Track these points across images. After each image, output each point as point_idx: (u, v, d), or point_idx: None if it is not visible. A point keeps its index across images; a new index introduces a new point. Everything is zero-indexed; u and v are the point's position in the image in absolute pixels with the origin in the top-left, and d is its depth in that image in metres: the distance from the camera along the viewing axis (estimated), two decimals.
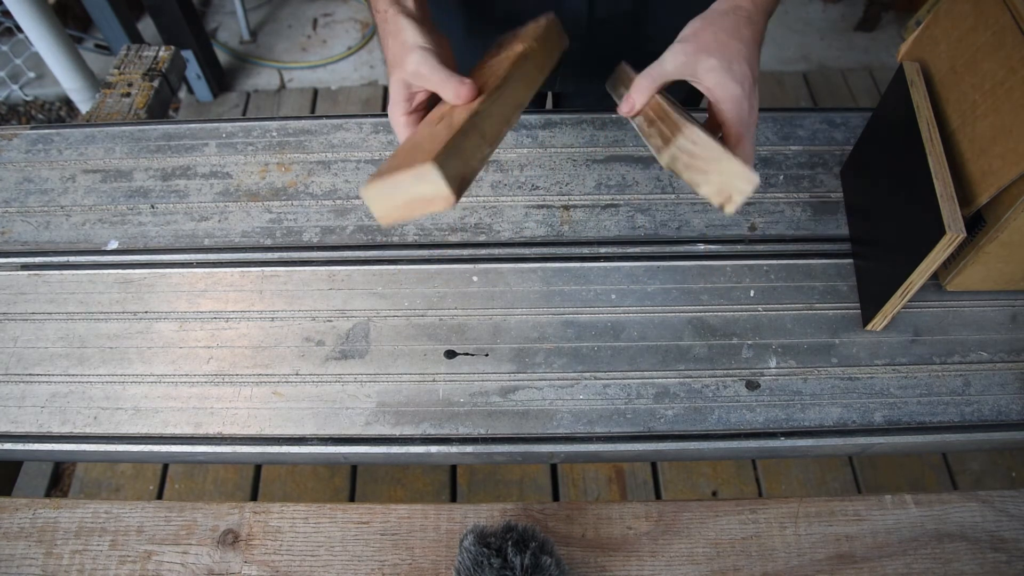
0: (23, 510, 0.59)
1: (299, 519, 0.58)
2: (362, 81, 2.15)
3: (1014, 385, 0.63)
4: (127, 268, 0.70)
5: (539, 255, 0.70)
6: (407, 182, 0.44)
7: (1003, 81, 0.54)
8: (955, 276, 0.65)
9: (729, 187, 0.46)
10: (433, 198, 0.44)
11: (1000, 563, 0.56)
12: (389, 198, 0.45)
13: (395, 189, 0.44)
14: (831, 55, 2.19)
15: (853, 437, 0.61)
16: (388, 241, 0.71)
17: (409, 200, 0.45)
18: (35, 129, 0.81)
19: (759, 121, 0.79)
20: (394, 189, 0.44)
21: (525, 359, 0.64)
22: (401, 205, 0.45)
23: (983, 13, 0.57)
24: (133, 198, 0.75)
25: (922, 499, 0.59)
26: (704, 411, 0.62)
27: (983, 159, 0.56)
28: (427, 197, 0.44)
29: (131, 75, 0.99)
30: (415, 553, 0.56)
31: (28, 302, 0.69)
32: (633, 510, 0.58)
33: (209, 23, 2.28)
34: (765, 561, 0.56)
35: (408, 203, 0.45)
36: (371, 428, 0.61)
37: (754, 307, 0.67)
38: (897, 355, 0.64)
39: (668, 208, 0.73)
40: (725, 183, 0.46)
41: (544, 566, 0.49)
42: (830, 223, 0.72)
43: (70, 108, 2.08)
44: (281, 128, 0.80)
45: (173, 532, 0.57)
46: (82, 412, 0.62)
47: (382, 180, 0.44)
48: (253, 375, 0.64)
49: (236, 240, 0.72)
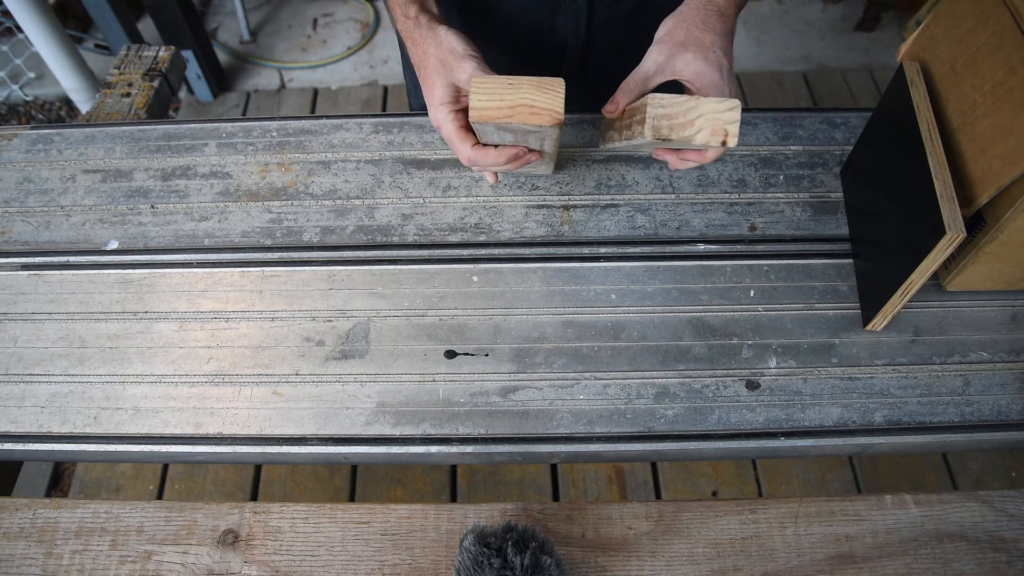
0: (23, 510, 0.59)
1: (299, 519, 0.58)
2: (362, 81, 2.15)
3: (1014, 385, 0.63)
4: (127, 268, 0.70)
5: (539, 255, 0.70)
6: (529, 87, 0.48)
7: (1003, 81, 0.54)
8: (955, 276, 0.65)
9: (719, 123, 0.49)
10: (543, 110, 0.48)
11: (1000, 563, 0.56)
12: (499, 94, 0.48)
13: (513, 90, 0.48)
14: (831, 55, 2.19)
15: (853, 437, 0.61)
16: (388, 241, 0.71)
17: (518, 103, 0.48)
18: (35, 129, 0.81)
19: (759, 121, 0.79)
20: (511, 89, 0.48)
21: (525, 359, 0.64)
22: (507, 105, 0.48)
23: (983, 13, 0.57)
24: (133, 198, 0.75)
25: (922, 499, 0.59)
26: (704, 411, 0.62)
27: (983, 159, 0.56)
28: (538, 107, 0.48)
29: (131, 75, 0.99)
30: (415, 553, 0.56)
31: (28, 302, 0.69)
32: (633, 510, 0.58)
33: (209, 23, 2.28)
34: (765, 561, 0.56)
35: (515, 106, 0.48)
36: (371, 428, 0.61)
37: (754, 307, 0.67)
38: (897, 355, 0.64)
39: (668, 208, 0.73)
40: (713, 122, 0.49)
41: (544, 566, 0.49)
42: (830, 223, 0.72)
43: (70, 108, 2.08)
44: (281, 128, 0.80)
45: (173, 532, 0.57)
46: (82, 412, 0.62)
47: (501, 77, 0.48)
48: (253, 375, 0.64)
49: (236, 240, 0.72)
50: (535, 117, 0.49)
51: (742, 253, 0.70)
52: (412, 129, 0.79)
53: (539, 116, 0.49)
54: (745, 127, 0.79)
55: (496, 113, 0.48)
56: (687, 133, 0.49)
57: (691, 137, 0.49)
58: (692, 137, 0.49)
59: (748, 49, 2.21)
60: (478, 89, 0.49)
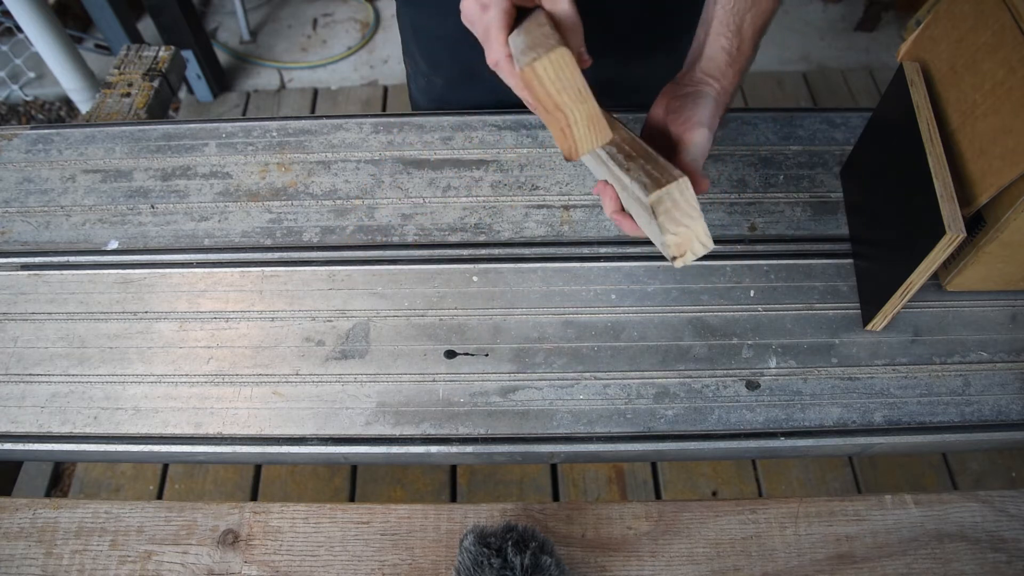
0: (23, 510, 0.59)
1: (299, 519, 0.58)
2: (362, 81, 2.15)
3: (1014, 385, 0.63)
4: (127, 268, 0.70)
5: (539, 255, 0.70)
6: (584, 114, 0.46)
7: (1003, 81, 0.54)
8: (955, 276, 0.65)
9: (689, 244, 0.50)
10: (573, 140, 0.48)
11: (1000, 563, 0.56)
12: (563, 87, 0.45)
13: (575, 98, 0.46)
14: (831, 55, 2.19)
15: (853, 437, 0.61)
16: (388, 241, 0.71)
17: (563, 111, 0.46)
18: (35, 129, 0.81)
19: (759, 121, 0.79)
20: (575, 95, 0.45)
21: (525, 359, 0.64)
22: (554, 102, 0.46)
23: (983, 13, 0.57)
24: (133, 198, 0.75)
25: (922, 499, 0.59)
26: (704, 411, 0.62)
27: (983, 159, 0.56)
28: (571, 135, 0.47)
29: (131, 75, 0.99)
30: (415, 553, 0.56)
31: (28, 302, 0.69)
32: (633, 510, 0.58)
33: (209, 23, 2.27)
34: (765, 561, 0.56)
35: (559, 109, 0.46)
36: (371, 428, 0.61)
37: (754, 307, 0.67)
38: (897, 355, 0.64)
39: None
40: (688, 239, 0.50)
41: (544, 566, 0.49)
42: (830, 223, 0.72)
43: (70, 108, 2.08)
44: (281, 128, 0.80)
45: (173, 532, 0.57)
46: (82, 412, 0.62)
47: (578, 75, 0.45)
48: (253, 375, 0.64)
49: (236, 240, 0.72)
50: (560, 136, 0.47)
51: (742, 253, 0.70)
52: (412, 129, 0.79)
53: (564, 140, 0.48)
54: (745, 127, 0.79)
55: (541, 93, 0.45)
56: (668, 226, 0.49)
57: (666, 231, 0.49)
58: (667, 232, 0.49)
59: None
60: (553, 63, 0.44)
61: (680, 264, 0.51)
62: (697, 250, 0.50)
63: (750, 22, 0.56)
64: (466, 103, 0.83)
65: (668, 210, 0.48)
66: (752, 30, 0.57)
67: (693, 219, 0.49)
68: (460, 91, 0.84)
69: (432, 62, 0.83)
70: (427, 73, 0.85)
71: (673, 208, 0.48)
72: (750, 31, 0.57)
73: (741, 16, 0.56)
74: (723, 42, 0.56)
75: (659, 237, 0.51)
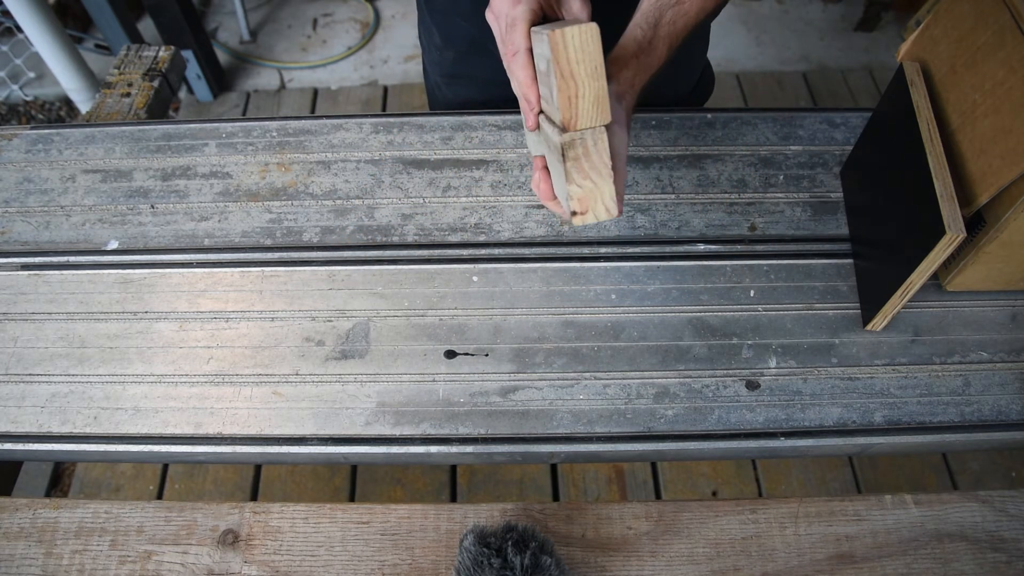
0: (23, 510, 0.59)
1: (299, 519, 0.58)
2: (362, 81, 2.15)
3: (1014, 385, 0.63)
4: (127, 268, 0.70)
5: (539, 255, 0.70)
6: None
7: (1003, 81, 0.54)
8: (955, 276, 0.65)
9: (592, 203, 0.49)
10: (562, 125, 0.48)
11: (1000, 563, 0.56)
12: (579, 85, 0.46)
13: (587, 107, 0.47)
14: (831, 55, 2.19)
15: (853, 437, 0.61)
16: (388, 241, 0.71)
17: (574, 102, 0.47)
18: (35, 129, 0.81)
19: (759, 121, 0.79)
20: (590, 103, 0.47)
21: (525, 359, 0.64)
22: (567, 92, 0.46)
23: (983, 13, 0.57)
24: (133, 198, 0.75)
25: (922, 499, 0.59)
26: (704, 411, 0.62)
27: (983, 159, 0.56)
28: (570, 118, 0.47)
29: (131, 75, 0.99)
30: (415, 553, 0.56)
31: (28, 302, 0.69)
32: (633, 510, 0.58)
33: (209, 23, 2.28)
34: (765, 561, 0.56)
35: (574, 100, 0.47)
36: (371, 428, 0.61)
37: (754, 307, 0.67)
38: (897, 355, 0.64)
39: (668, 208, 0.73)
40: (592, 197, 0.49)
41: (544, 566, 0.49)
42: (830, 223, 0.72)
43: (70, 108, 2.08)
44: (281, 128, 0.80)
45: (173, 532, 0.57)
46: (82, 412, 0.62)
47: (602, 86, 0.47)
48: (253, 375, 0.64)
49: (236, 240, 0.72)
50: (565, 104, 0.47)
51: (742, 253, 0.70)
52: (412, 129, 0.79)
53: (568, 109, 0.47)
54: (745, 127, 0.79)
55: (563, 59, 0.46)
56: (575, 175, 0.48)
57: (571, 180, 0.48)
58: (571, 182, 0.48)
59: (748, 49, 2.21)
60: (582, 33, 0.45)
61: (579, 223, 0.50)
62: (600, 213, 0.50)
63: (669, 19, 0.56)
64: (476, 75, 0.85)
65: (578, 157, 0.48)
66: (669, 28, 0.57)
67: (602, 177, 0.48)
68: (470, 64, 0.85)
69: (444, 35, 0.84)
70: (440, 46, 0.86)
71: (583, 157, 0.48)
72: (666, 29, 0.57)
73: (661, 11, 0.56)
74: (637, 32, 0.56)
75: (564, 189, 0.50)
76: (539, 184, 0.55)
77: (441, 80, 0.90)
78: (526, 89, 0.53)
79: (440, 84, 0.91)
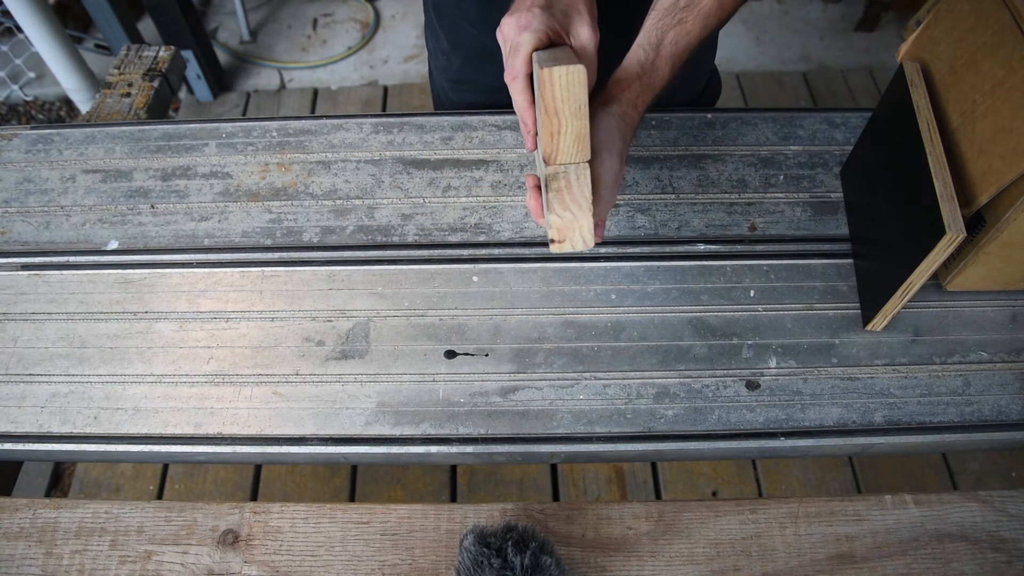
0: (23, 510, 0.59)
1: (299, 519, 0.58)
2: (362, 81, 2.15)
3: (1014, 385, 0.63)
4: (127, 268, 0.70)
5: (539, 255, 0.70)
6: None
7: (1003, 81, 0.54)
8: (955, 276, 0.65)
9: (569, 233, 0.52)
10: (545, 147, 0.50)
11: (1000, 563, 0.56)
12: (571, 115, 0.48)
13: (571, 141, 0.49)
14: (831, 55, 2.19)
15: (853, 437, 0.61)
16: (388, 241, 0.71)
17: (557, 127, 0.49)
18: (35, 129, 0.81)
19: (760, 121, 0.79)
20: (571, 133, 0.49)
21: (525, 359, 0.64)
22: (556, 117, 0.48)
23: (983, 13, 0.57)
24: (133, 198, 0.75)
25: (922, 499, 0.59)
26: (704, 411, 0.62)
27: (983, 159, 0.56)
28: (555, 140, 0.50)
29: (131, 75, 0.99)
30: (415, 553, 0.56)
31: (28, 302, 0.69)
32: (633, 510, 0.58)
33: (209, 23, 2.27)
34: (765, 561, 0.56)
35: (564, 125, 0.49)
36: (371, 428, 0.61)
37: (754, 307, 0.67)
38: (897, 355, 0.64)
39: (668, 208, 0.73)
40: (571, 228, 0.51)
41: (544, 566, 0.49)
42: (830, 223, 0.72)
43: (70, 108, 2.08)
44: (281, 128, 0.80)
45: (173, 532, 0.57)
46: (82, 412, 0.62)
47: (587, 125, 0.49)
48: (253, 375, 0.64)
49: (236, 240, 0.72)
50: (548, 138, 0.49)
51: (742, 253, 0.70)
52: (412, 129, 0.79)
53: (549, 143, 0.49)
54: (745, 127, 0.79)
55: (548, 96, 0.48)
56: (555, 206, 0.50)
57: (551, 211, 0.51)
58: (550, 212, 0.51)
59: (748, 49, 2.21)
60: (569, 74, 0.47)
61: (556, 250, 0.52)
62: (577, 244, 0.52)
63: (671, 39, 0.57)
64: (482, 82, 0.85)
65: (560, 189, 0.50)
66: (671, 49, 0.57)
67: (581, 210, 0.51)
68: (477, 70, 0.85)
69: (452, 41, 0.84)
70: (447, 52, 0.86)
71: (565, 189, 0.50)
72: (668, 50, 0.57)
73: (663, 32, 0.57)
74: (640, 54, 0.57)
75: (546, 216, 0.52)
76: (530, 202, 0.57)
77: (447, 84, 0.90)
78: (523, 113, 0.55)
79: (446, 88, 0.91)
